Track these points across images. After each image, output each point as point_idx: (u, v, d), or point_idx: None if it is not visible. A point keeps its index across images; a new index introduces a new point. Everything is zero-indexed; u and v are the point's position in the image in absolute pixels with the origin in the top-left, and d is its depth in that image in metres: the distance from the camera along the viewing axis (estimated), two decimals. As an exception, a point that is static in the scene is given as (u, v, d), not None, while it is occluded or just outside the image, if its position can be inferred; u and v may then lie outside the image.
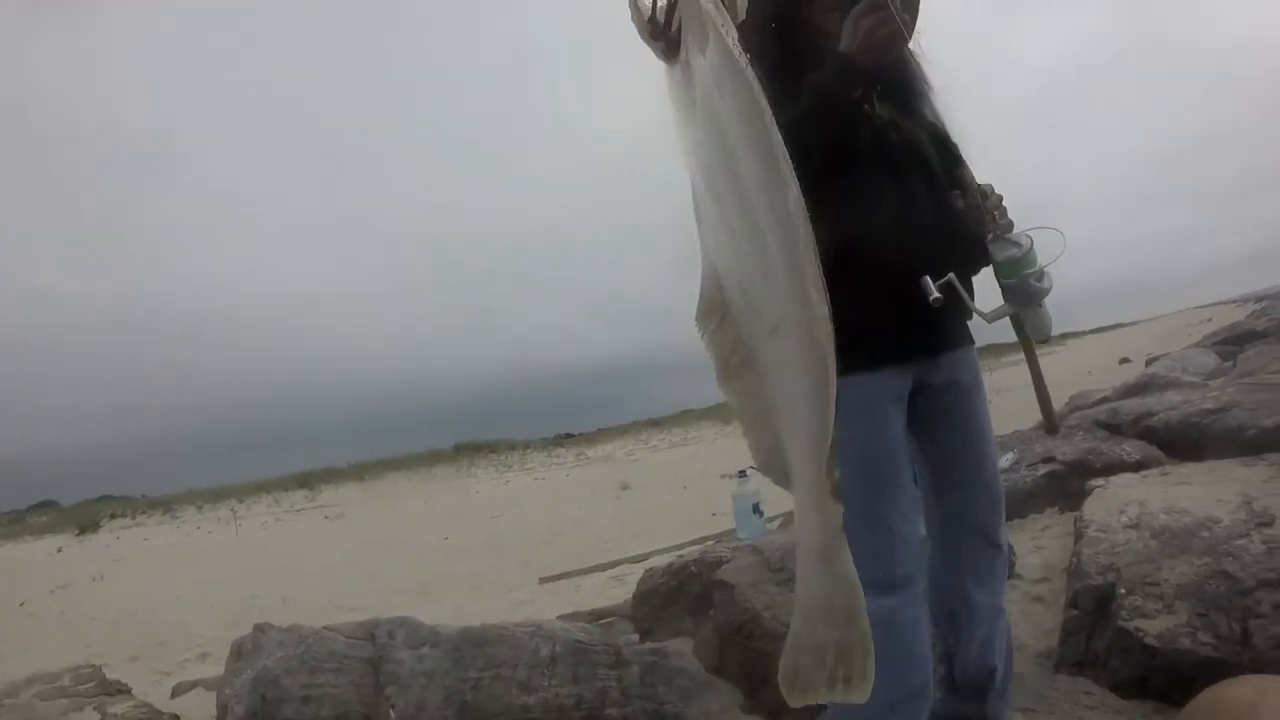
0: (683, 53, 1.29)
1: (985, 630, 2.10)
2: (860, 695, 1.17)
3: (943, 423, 2.03)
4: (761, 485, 4.29)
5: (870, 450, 1.88)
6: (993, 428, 2.11)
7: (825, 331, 1.16)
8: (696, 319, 1.28)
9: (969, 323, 2.07)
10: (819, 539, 1.19)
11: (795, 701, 1.22)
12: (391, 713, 3.06)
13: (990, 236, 1.99)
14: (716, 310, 1.26)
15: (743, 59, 1.22)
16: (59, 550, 25.77)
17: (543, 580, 8.32)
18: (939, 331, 1.98)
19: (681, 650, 3.29)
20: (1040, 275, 1.92)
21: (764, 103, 1.20)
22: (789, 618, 3.12)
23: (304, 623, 3.57)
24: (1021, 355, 2.18)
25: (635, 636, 3.72)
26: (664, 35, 1.31)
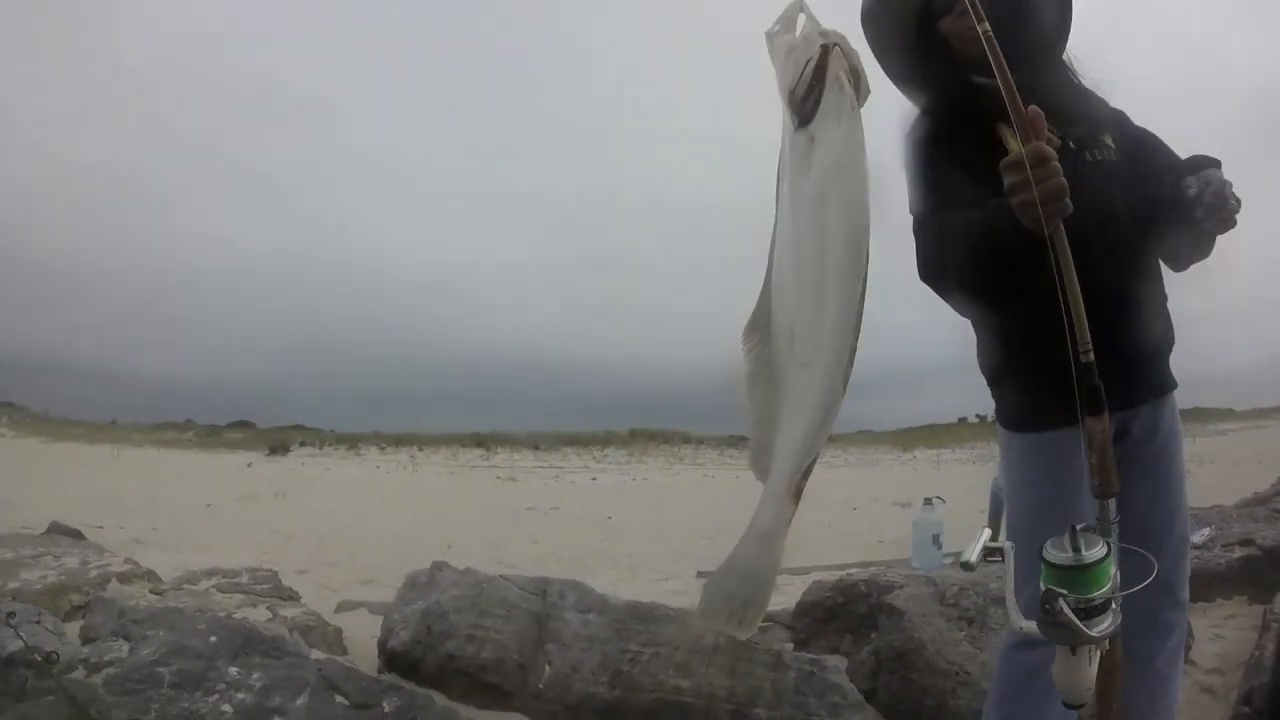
0: (813, 125, 1.46)
1: (1148, 697, 1.97)
2: (744, 634, 1.49)
3: (1140, 470, 1.92)
4: (946, 517, 4.18)
5: (1061, 497, 1.84)
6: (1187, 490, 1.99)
7: (843, 379, 1.42)
8: (743, 333, 1.54)
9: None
10: (768, 524, 1.45)
11: (701, 621, 1.50)
12: (547, 668, 3.17)
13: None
14: (760, 331, 1.53)
15: (863, 157, 1.42)
16: (249, 465, 27.90)
17: (700, 574, 8.35)
18: (1141, 380, 1.89)
19: (838, 667, 3.25)
20: (1098, 612, 1.28)
21: (867, 199, 1.41)
22: (955, 655, 3.04)
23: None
24: (1232, 425, 2.01)
25: (791, 645, 3.71)
26: (801, 108, 1.46)
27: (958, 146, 1.83)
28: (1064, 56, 1.95)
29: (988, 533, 1.52)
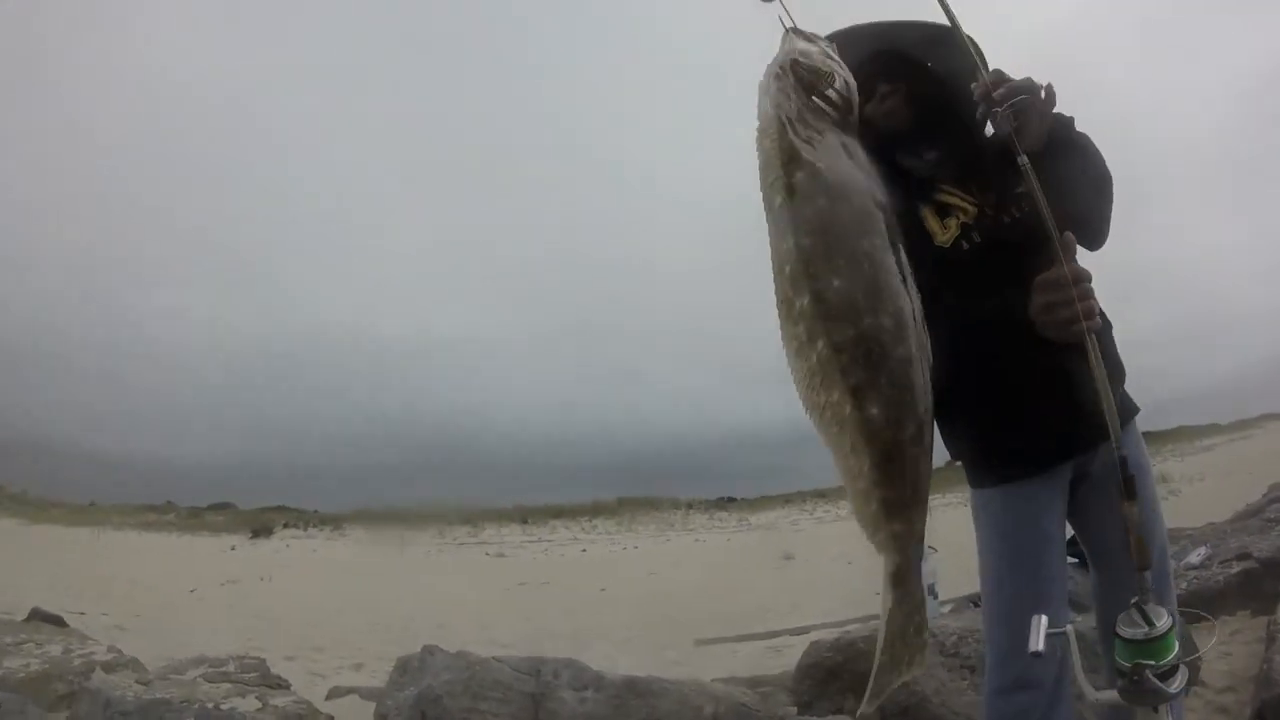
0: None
1: None
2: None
3: (1108, 506, 1.93)
4: (940, 567, 4.15)
5: (1024, 547, 1.89)
6: (1159, 508, 1.98)
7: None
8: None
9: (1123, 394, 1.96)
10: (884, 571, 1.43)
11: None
12: (547, 749, 3.10)
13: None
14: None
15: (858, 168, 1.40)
16: (232, 548, 27.45)
17: (699, 642, 8.24)
18: (1095, 422, 1.90)
19: (842, 729, 3.20)
20: (1171, 673, 1.37)
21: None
22: (959, 705, 3.00)
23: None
24: (1217, 439, 2.02)
25: (793, 709, 3.64)
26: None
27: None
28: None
29: (1045, 619, 1.55)
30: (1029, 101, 1.63)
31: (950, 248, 1.86)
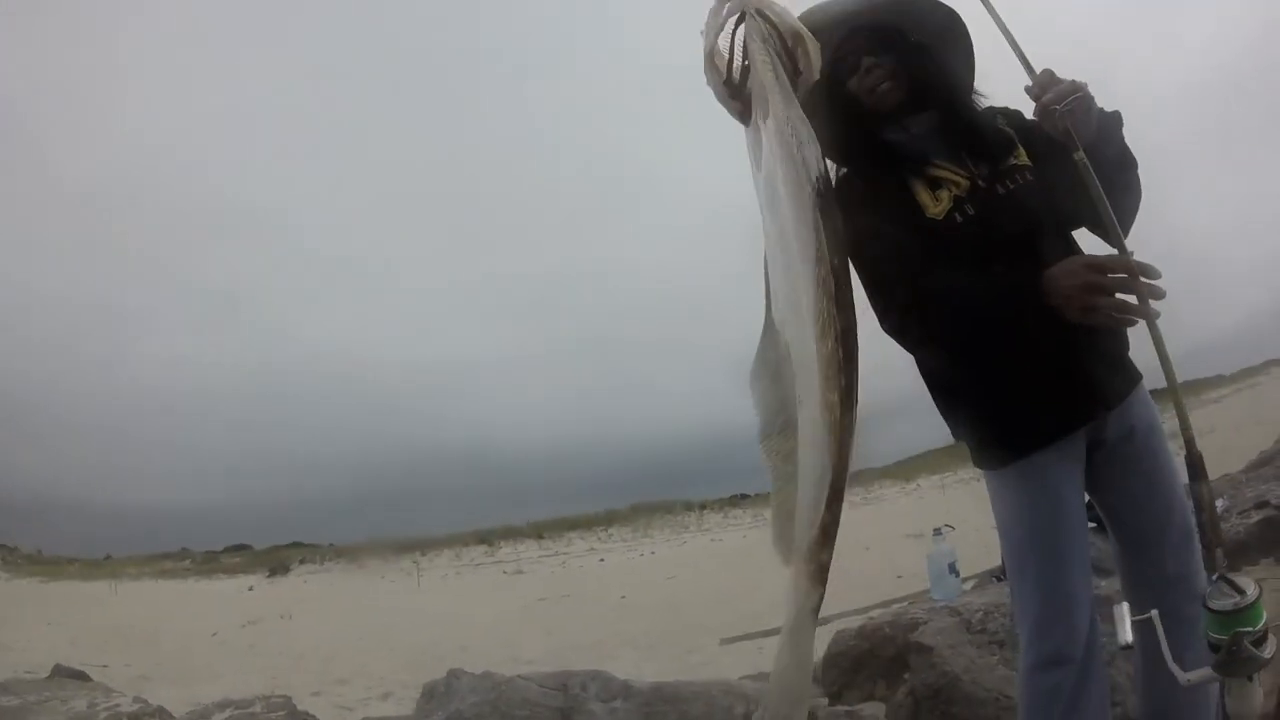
0: (754, 116, 1.34)
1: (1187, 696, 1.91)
2: None
3: (1123, 472, 1.92)
4: (957, 543, 4.13)
5: (1046, 523, 1.86)
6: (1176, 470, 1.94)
7: (832, 417, 1.23)
8: (750, 376, 1.34)
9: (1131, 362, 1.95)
10: (790, 618, 1.26)
11: None
12: (581, 763, 3.08)
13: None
14: (769, 369, 1.31)
15: (794, 134, 1.29)
16: (250, 589, 27.43)
17: (724, 642, 8.22)
18: (1105, 387, 1.88)
19: (876, 714, 3.18)
20: (1263, 638, 1.40)
21: (806, 178, 1.27)
22: (991, 681, 2.97)
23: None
24: (1224, 390, 2.00)
25: (824, 700, 3.62)
26: (739, 96, 1.36)
27: (882, 201, 1.86)
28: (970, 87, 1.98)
29: (1128, 605, 1.55)
30: (1081, 102, 1.66)
31: (944, 220, 1.84)
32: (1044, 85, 1.67)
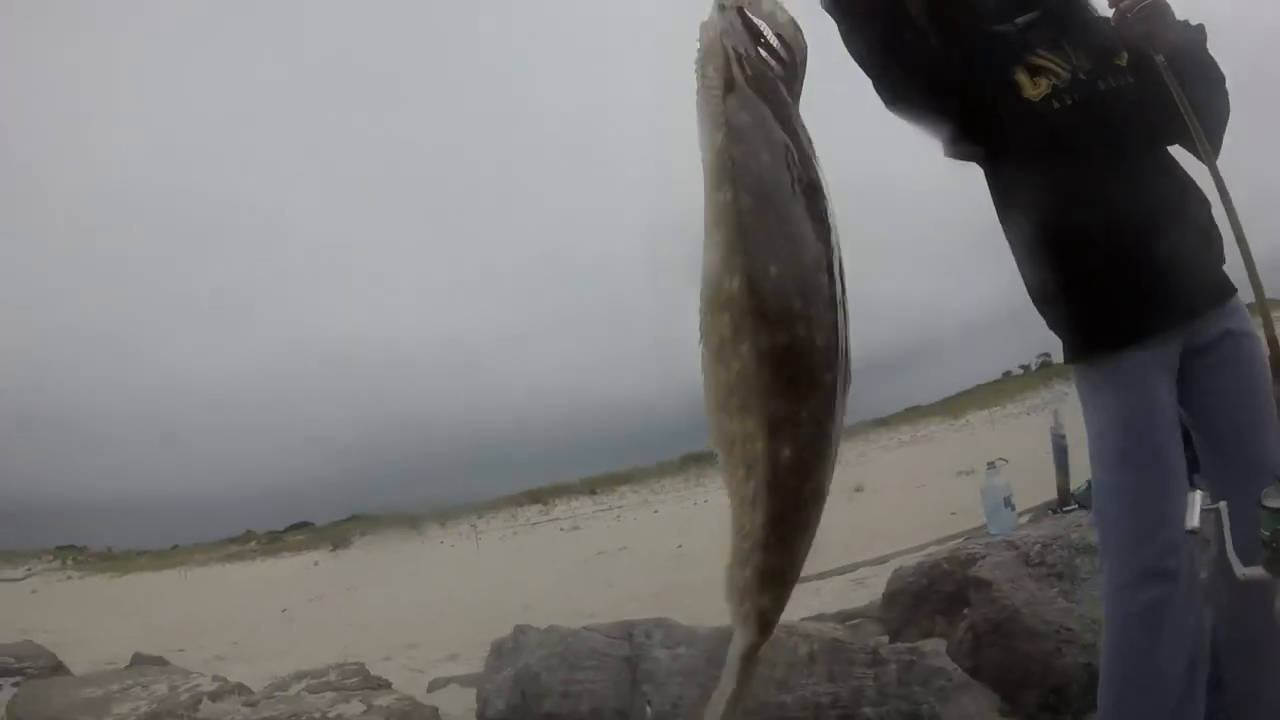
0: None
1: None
2: None
3: (1218, 372, 1.88)
4: (1012, 477, 4.12)
5: (1144, 427, 1.81)
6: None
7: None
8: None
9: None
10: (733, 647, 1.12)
11: None
12: (648, 709, 3.15)
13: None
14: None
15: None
16: (315, 564, 28.14)
17: (780, 583, 8.26)
18: (1200, 292, 1.88)
19: (937, 650, 3.20)
20: None
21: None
22: (1051, 614, 2.98)
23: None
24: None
25: (885, 638, 3.65)
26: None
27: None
28: None
29: (1200, 493, 1.51)
30: (1155, 6, 1.71)
31: (1039, 102, 1.87)
32: None
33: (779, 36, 1.20)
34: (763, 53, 1.18)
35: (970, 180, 2.01)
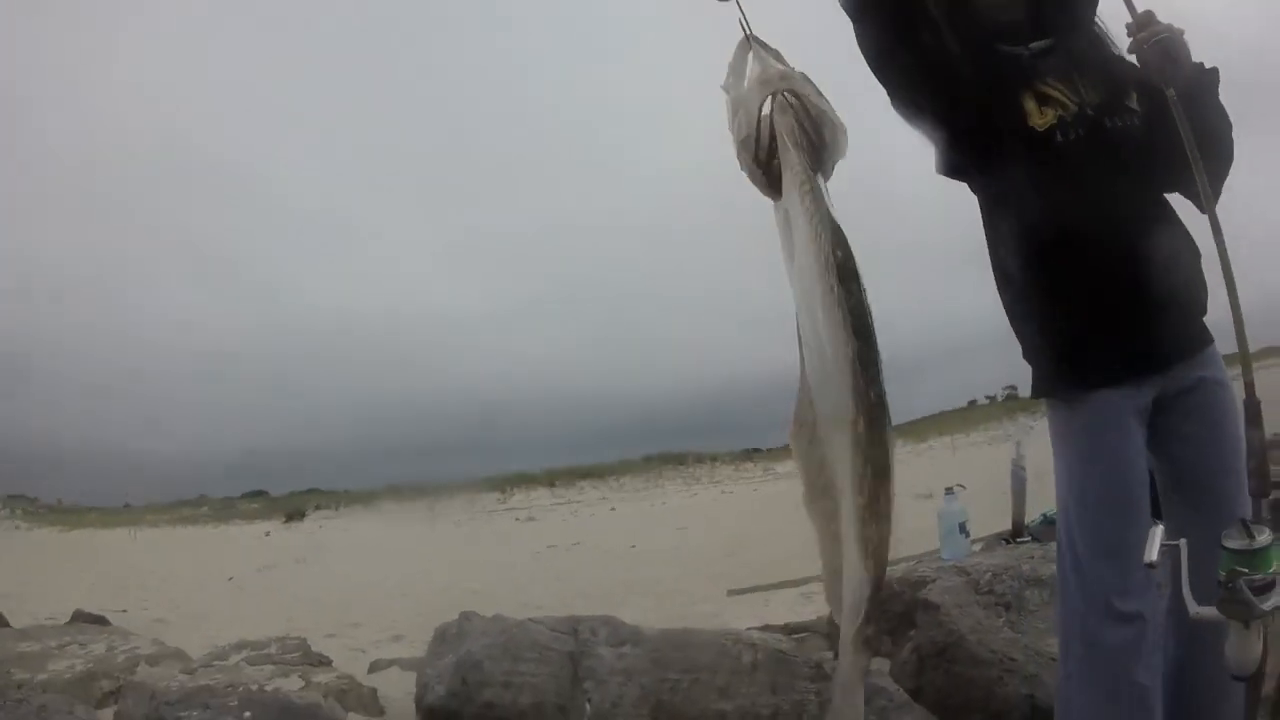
0: (785, 198, 1.33)
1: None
2: None
3: (1188, 419, 1.89)
4: (968, 504, 4.14)
5: (1111, 471, 1.82)
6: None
7: (862, 529, 1.31)
8: (790, 436, 1.39)
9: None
10: (842, 677, 1.33)
11: None
12: (587, 706, 3.13)
13: None
14: (807, 430, 1.36)
15: (818, 215, 1.29)
16: (267, 534, 27.90)
17: (731, 593, 8.30)
18: (1178, 339, 1.88)
19: (880, 670, 3.21)
20: (1267, 589, 1.36)
21: (827, 266, 1.27)
22: (997, 643, 2.99)
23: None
24: (1232, 373, 1.97)
25: (830, 653, 3.65)
26: (766, 179, 1.35)
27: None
28: (1095, 23, 1.98)
29: (1161, 528, 1.51)
30: (1171, 39, 1.72)
31: (1044, 131, 1.86)
32: (1141, 23, 1.73)
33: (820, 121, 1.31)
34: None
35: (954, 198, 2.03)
